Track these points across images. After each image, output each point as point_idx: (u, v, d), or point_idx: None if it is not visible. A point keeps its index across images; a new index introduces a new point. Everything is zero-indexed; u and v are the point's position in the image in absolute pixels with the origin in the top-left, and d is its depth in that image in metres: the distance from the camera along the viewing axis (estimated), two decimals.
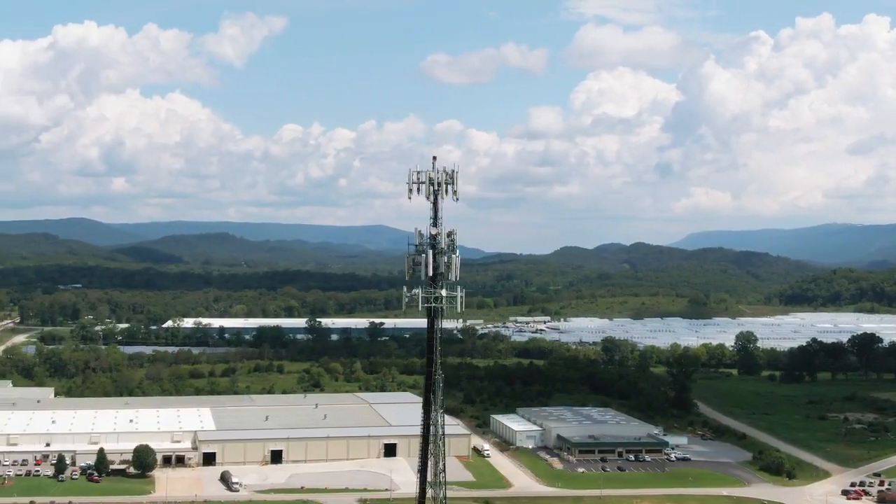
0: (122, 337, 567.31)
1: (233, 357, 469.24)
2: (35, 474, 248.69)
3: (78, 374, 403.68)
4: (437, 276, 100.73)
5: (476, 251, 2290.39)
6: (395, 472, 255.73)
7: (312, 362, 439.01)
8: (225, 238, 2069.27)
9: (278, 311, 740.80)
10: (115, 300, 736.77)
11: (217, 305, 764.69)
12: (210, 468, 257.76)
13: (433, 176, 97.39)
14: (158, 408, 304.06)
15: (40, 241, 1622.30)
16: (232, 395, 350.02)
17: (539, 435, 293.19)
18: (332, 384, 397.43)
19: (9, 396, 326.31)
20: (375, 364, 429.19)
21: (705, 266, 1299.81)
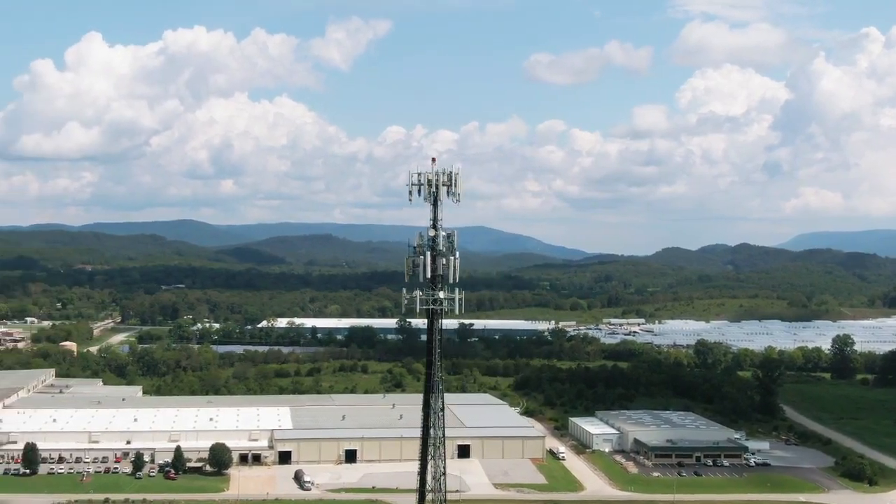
0: (217, 336, 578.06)
1: (321, 356, 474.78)
2: (114, 472, 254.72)
3: (169, 372, 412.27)
4: (437, 279, 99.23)
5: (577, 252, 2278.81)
6: (467, 473, 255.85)
7: (396, 362, 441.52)
8: (328, 239, 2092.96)
9: (372, 311, 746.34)
10: (213, 300, 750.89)
11: (312, 306, 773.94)
12: (285, 467, 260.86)
13: (432, 178, 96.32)
14: (239, 406, 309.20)
15: (148, 243, 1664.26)
16: (313, 395, 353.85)
17: (616, 438, 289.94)
18: (414, 384, 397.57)
19: (96, 394, 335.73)
20: (458, 365, 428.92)
21: (810, 268, 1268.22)
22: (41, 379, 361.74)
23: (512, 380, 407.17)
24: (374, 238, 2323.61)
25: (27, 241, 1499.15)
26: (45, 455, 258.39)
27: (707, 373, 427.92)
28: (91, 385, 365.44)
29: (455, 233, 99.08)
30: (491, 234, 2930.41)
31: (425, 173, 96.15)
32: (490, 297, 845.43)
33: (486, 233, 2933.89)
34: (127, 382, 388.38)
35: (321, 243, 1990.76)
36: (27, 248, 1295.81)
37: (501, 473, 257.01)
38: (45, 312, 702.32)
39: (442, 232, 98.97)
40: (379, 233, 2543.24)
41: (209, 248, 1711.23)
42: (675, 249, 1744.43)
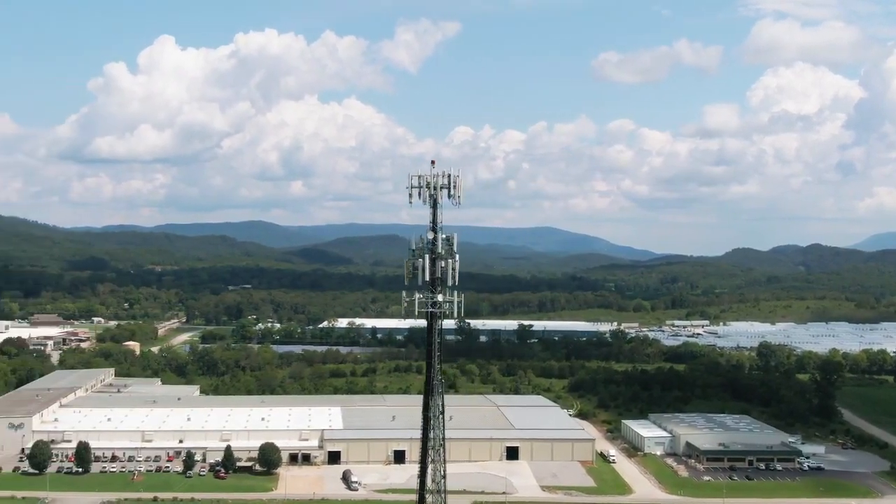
0: (278, 336, 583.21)
1: (378, 357, 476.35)
2: (165, 470, 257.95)
3: (227, 372, 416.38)
4: (436, 281, 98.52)
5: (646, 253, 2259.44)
6: (515, 475, 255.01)
7: (450, 363, 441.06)
8: (394, 240, 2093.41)
9: None
10: (277, 300, 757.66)
11: (374, 306, 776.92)
12: (334, 467, 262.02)
13: (431, 181, 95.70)
14: (292, 406, 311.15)
15: (218, 244, 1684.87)
16: (366, 395, 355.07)
17: (668, 441, 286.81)
18: (467, 385, 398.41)
19: (153, 394, 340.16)
20: (512, 366, 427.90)
21: (882, 269, 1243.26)
22: (100, 378, 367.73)
23: (567, 382, 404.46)
24: None
25: (99, 242, 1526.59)
26: (99, 454, 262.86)
27: (765, 376, 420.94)
28: (149, 384, 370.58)
29: (455, 235, 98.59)
30: (558, 234, 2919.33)
31: (424, 176, 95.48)
32: (552, 298, 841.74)
33: (553, 233, 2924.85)
34: (186, 382, 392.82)
35: (388, 244, 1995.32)
36: (98, 249, 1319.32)
37: (550, 476, 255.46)
38: (111, 312, 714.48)
39: (441, 235, 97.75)
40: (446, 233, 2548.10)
41: (278, 249, 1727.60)
42: (745, 250, 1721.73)
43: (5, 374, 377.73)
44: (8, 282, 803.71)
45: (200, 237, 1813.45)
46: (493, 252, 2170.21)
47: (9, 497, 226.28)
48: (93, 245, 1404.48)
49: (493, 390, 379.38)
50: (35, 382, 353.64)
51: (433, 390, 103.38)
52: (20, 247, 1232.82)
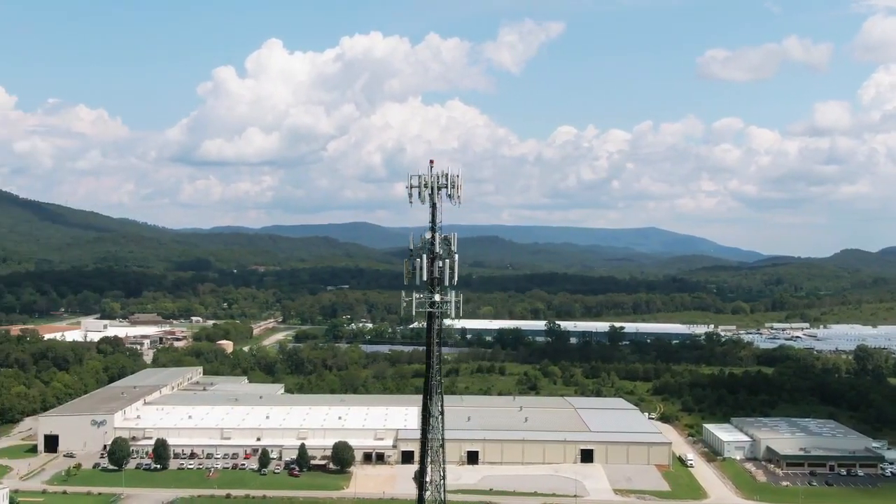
0: (369, 336, 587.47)
1: (464, 357, 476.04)
2: (241, 467, 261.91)
3: (314, 371, 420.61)
4: (434, 281, 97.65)
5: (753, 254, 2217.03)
6: (589, 478, 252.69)
7: (534, 364, 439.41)
8: (494, 241, 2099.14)
9: (524, 312, 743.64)
10: (372, 301, 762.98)
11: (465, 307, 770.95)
12: (407, 466, 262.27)
13: (429, 180, 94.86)
14: (369, 406, 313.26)
15: (321, 245, 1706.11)
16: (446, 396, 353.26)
17: (749, 446, 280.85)
18: (549, 387, 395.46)
19: (237, 392, 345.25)
20: (596, 368, 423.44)
21: None
22: (187, 377, 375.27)
23: (651, 384, 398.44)
24: (541, 240, 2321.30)
25: (205, 243, 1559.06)
26: (178, 450, 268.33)
27: (855, 380, 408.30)
28: (235, 383, 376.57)
29: (454, 235, 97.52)
30: (662, 235, 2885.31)
31: (423, 176, 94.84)
32: (647, 299, 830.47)
33: (658, 234, 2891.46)
34: (273, 380, 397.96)
35: (488, 245, 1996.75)
36: (204, 250, 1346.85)
37: (624, 479, 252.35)
38: (210, 312, 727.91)
39: (438, 234, 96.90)
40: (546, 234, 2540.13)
41: (379, 249, 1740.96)
42: (854, 251, 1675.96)
43: (97, 371, 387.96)
44: (111, 282, 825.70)
45: (304, 238, 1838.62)
46: (595, 253, 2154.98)
47: (85, 493, 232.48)
48: (198, 246, 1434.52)
49: (574, 392, 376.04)
50: (123, 380, 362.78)
51: (432, 391, 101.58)
52: (127, 248, 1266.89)
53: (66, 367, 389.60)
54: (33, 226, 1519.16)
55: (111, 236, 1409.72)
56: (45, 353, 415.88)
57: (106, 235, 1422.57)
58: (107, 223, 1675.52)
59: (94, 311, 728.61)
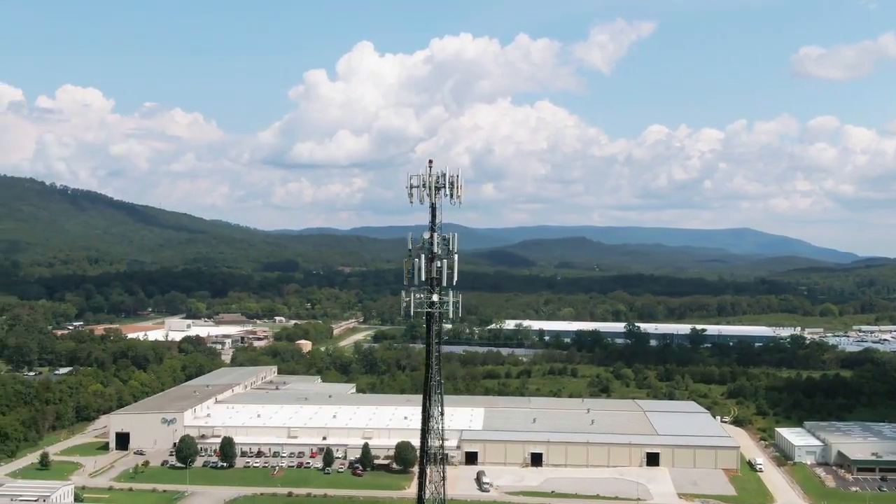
0: (447, 337, 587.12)
1: (539, 359, 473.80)
2: (306, 466, 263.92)
3: (388, 371, 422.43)
4: (432, 281, 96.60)
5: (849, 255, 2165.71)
6: (653, 481, 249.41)
7: (607, 367, 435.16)
8: (582, 242, 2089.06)
9: (605, 314, 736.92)
10: None
11: (546, 308, 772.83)
12: (470, 467, 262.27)
13: (428, 180, 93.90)
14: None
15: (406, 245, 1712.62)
16: (513, 397, 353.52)
17: (820, 450, 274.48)
18: (622, 390, 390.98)
19: (308, 391, 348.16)
20: (670, 371, 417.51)
21: None
22: (261, 376, 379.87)
23: (726, 388, 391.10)
24: (631, 241, 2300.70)
25: (295, 244, 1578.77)
26: (246, 449, 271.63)
27: None
28: (307, 382, 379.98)
29: (454, 235, 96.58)
30: (756, 236, 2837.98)
31: (421, 176, 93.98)
32: (732, 301, 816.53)
33: (751, 235, 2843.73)
34: (347, 380, 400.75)
35: (575, 246, 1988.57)
36: (292, 251, 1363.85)
37: (690, 483, 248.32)
38: (293, 312, 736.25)
39: (437, 235, 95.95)
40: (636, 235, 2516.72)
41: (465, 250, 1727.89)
42: None
43: (175, 370, 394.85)
44: (199, 282, 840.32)
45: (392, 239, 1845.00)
46: (687, 254, 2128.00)
47: (150, 490, 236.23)
48: (287, 247, 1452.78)
49: (647, 395, 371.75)
50: (198, 379, 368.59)
51: (430, 392, 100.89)
52: (218, 249, 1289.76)
53: (146, 367, 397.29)
54: (127, 227, 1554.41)
55: (203, 238, 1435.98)
56: (125, 352, 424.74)
57: (198, 237, 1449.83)
58: (199, 225, 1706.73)
59: (181, 311, 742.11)
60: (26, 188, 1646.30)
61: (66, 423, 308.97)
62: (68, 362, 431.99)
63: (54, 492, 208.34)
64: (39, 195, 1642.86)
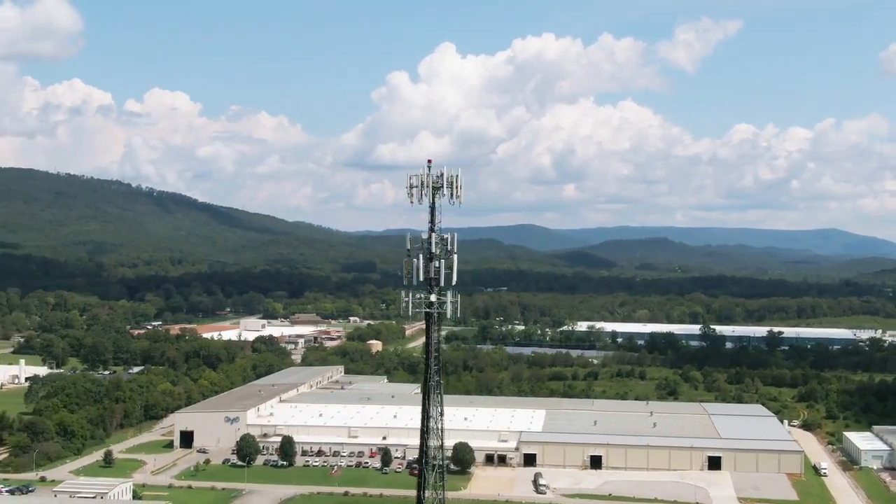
0: (518, 338, 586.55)
1: (609, 360, 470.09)
2: (365, 466, 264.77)
3: (455, 372, 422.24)
4: (431, 282, 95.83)
5: None
6: (714, 485, 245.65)
7: (676, 369, 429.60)
8: (664, 243, 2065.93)
9: (682, 316, 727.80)
10: (525, 303, 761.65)
11: (620, 310, 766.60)
12: (528, 469, 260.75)
13: (426, 181, 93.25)
14: (497, 407, 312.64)
15: (486, 247, 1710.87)
16: (577, 399, 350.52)
17: (887, 455, 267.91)
18: (690, 392, 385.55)
19: (372, 391, 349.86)
20: (740, 374, 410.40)
21: None
22: (327, 375, 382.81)
23: (797, 391, 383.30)
24: (714, 242, 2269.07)
25: (375, 245, 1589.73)
26: (307, 448, 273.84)
27: None
28: (373, 382, 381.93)
29: (454, 235, 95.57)
30: (843, 237, 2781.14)
31: (420, 176, 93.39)
32: (812, 304, 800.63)
33: (839, 236, 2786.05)
34: (414, 380, 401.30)
35: (656, 247, 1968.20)
36: (371, 251, 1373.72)
37: (751, 487, 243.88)
38: (367, 313, 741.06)
39: (434, 235, 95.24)
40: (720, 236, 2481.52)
41: (544, 252, 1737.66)
42: None
43: (245, 369, 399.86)
44: (276, 283, 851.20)
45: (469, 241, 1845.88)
46: (771, 255, 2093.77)
47: (209, 488, 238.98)
48: (367, 248, 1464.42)
49: (714, 398, 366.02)
50: (265, 378, 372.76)
51: (429, 392, 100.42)
52: (299, 250, 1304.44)
53: (217, 366, 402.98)
54: (211, 229, 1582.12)
55: (284, 239, 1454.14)
56: (198, 351, 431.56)
57: (279, 238, 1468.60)
58: (281, 226, 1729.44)
59: (258, 312, 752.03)
60: (113, 190, 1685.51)
61: (134, 422, 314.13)
62: (143, 361, 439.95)
63: (112, 489, 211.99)
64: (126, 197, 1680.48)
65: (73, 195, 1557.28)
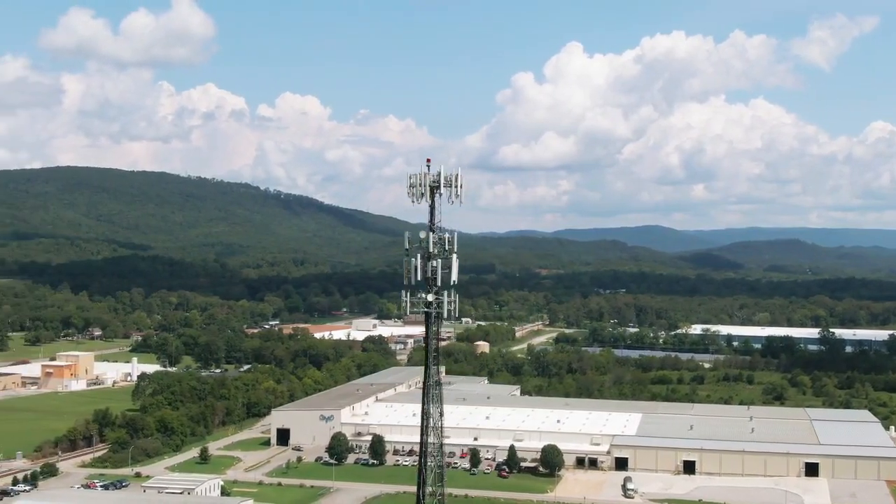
0: (630, 341, 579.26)
1: (721, 364, 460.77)
2: (454, 466, 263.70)
3: (557, 374, 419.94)
4: (428, 281, 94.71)
5: None
6: (809, 492, 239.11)
7: (784, 374, 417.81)
8: (795, 245, 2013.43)
9: (804, 320, 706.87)
10: (641, 305, 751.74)
11: (740, 313, 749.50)
12: (619, 473, 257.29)
13: (425, 180, 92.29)
14: (592, 410, 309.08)
15: (608, 248, 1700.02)
16: (677, 403, 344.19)
17: None
18: (797, 397, 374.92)
19: (471, 392, 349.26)
20: (851, 379, 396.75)
21: None
22: None
23: None
24: (848, 243, 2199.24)
25: (495, 246, 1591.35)
26: (399, 447, 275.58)
27: None
28: (473, 383, 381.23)
29: (453, 235, 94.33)
30: None
31: (419, 174, 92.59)
32: None
33: None
34: (518, 382, 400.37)
35: (787, 249, 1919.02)
36: (490, 253, 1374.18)
37: (847, 494, 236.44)
38: (480, 314, 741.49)
39: (433, 234, 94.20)
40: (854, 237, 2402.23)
41: (669, 253, 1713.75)
42: None
43: (349, 369, 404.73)
44: (393, 284, 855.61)
45: (592, 242, 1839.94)
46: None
47: (297, 485, 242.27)
48: (487, 250, 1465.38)
49: (822, 403, 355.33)
50: (365, 378, 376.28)
51: (428, 393, 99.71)
52: None
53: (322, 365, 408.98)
54: (336, 231, 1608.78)
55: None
56: (306, 350, 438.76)
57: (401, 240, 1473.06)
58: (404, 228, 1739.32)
59: (373, 312, 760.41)
60: (242, 193, 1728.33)
61: (236, 419, 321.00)
62: (254, 360, 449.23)
63: (199, 485, 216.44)
64: (254, 200, 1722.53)
65: (203, 198, 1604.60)
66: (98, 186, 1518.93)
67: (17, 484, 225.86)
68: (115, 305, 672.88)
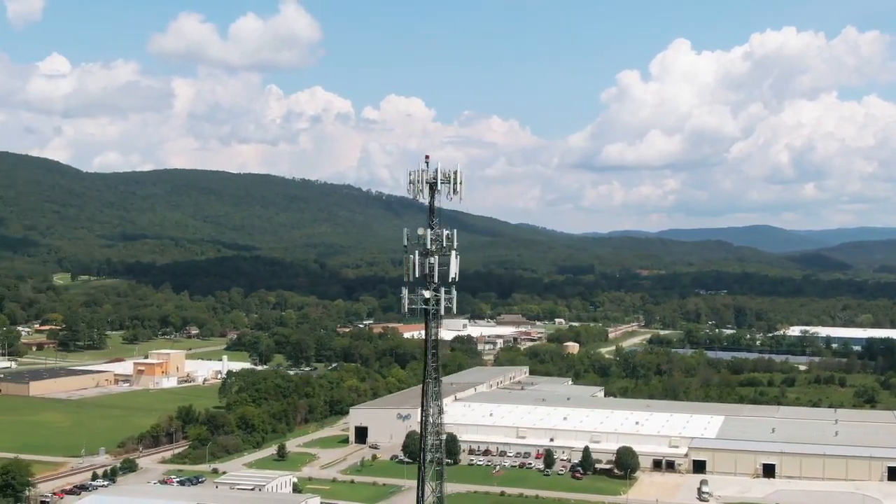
0: (726, 342, 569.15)
1: (816, 367, 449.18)
2: (528, 467, 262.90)
3: (644, 375, 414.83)
4: (426, 278, 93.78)
5: None
6: (890, 497, 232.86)
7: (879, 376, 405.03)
8: None
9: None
10: (740, 306, 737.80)
11: (842, 314, 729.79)
12: (696, 476, 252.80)
13: (424, 177, 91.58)
14: (673, 412, 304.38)
15: (713, 249, 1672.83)
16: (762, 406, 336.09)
17: None
18: (889, 401, 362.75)
19: (553, 392, 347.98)
20: None
21: None
22: (510, 376, 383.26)
23: None
24: None
25: (596, 247, 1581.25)
26: (474, 447, 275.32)
27: None
28: (556, 383, 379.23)
29: (454, 232, 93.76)
30: None
31: (419, 171, 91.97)
32: None
33: None
34: (604, 383, 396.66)
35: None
36: (590, 253, 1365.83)
37: None
38: (574, 314, 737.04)
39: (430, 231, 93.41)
40: None
41: (776, 254, 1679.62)
42: None
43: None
44: (487, 284, 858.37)
45: (697, 242, 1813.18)
46: None
47: (370, 483, 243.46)
48: (587, 250, 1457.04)
49: None
50: (449, 377, 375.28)
51: (427, 392, 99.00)
52: (517, 251, 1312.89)
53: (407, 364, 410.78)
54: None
55: (504, 241, 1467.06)
56: (393, 349, 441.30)
57: (500, 240, 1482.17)
58: (504, 228, 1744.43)
59: (466, 312, 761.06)
60: (345, 194, 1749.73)
61: (319, 417, 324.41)
62: (343, 359, 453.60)
63: (270, 481, 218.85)
64: (357, 201, 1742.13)
65: (307, 199, 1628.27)
66: (205, 188, 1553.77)
67: (97, 479, 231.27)
68: (214, 305, 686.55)
